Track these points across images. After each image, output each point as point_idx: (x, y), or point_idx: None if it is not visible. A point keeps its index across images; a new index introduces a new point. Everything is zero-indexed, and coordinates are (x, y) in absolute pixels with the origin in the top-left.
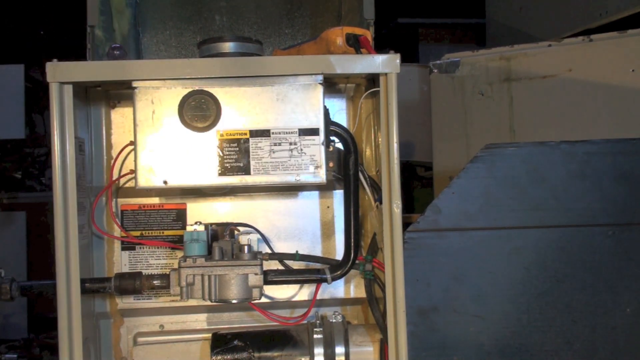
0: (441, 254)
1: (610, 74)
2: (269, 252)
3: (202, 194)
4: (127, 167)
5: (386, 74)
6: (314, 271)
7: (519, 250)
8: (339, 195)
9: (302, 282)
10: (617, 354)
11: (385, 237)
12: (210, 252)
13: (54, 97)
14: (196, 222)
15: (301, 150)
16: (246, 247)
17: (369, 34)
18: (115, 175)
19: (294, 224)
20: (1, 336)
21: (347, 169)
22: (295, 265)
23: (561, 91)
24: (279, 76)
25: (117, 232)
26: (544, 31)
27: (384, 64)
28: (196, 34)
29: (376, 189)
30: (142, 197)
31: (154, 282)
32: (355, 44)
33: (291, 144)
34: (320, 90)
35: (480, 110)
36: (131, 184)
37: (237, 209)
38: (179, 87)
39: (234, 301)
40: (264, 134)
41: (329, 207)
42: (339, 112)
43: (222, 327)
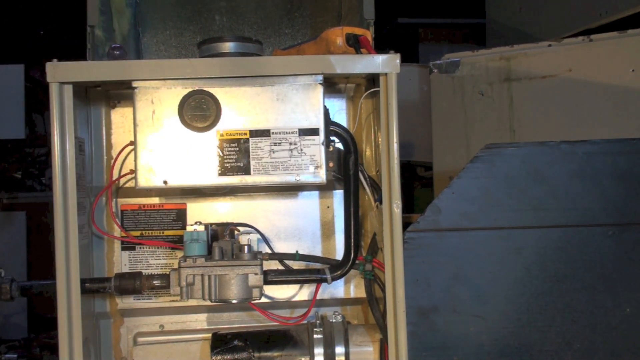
0: (441, 254)
1: (610, 74)
2: (269, 252)
3: (202, 194)
4: (127, 167)
5: (386, 74)
6: (314, 271)
7: (519, 250)
8: (339, 195)
9: (302, 282)
10: (617, 354)
11: (385, 237)
12: (210, 252)
13: (54, 97)
14: (196, 222)
15: (301, 150)
16: (246, 247)
17: (369, 34)
18: (115, 175)
19: (294, 224)
20: (1, 336)
21: (347, 169)
22: (295, 265)
23: (561, 91)
24: (279, 76)
25: (117, 232)
26: (544, 31)
27: (384, 64)
28: (196, 34)
29: (376, 189)
30: (142, 197)
31: (154, 282)
32: (355, 44)
33: (291, 144)
34: (320, 90)
35: (480, 110)
36: (131, 184)
37: (237, 209)
38: (179, 87)
39: (234, 301)
40: (264, 134)
41: (329, 207)
42: (339, 112)
43: (222, 327)
